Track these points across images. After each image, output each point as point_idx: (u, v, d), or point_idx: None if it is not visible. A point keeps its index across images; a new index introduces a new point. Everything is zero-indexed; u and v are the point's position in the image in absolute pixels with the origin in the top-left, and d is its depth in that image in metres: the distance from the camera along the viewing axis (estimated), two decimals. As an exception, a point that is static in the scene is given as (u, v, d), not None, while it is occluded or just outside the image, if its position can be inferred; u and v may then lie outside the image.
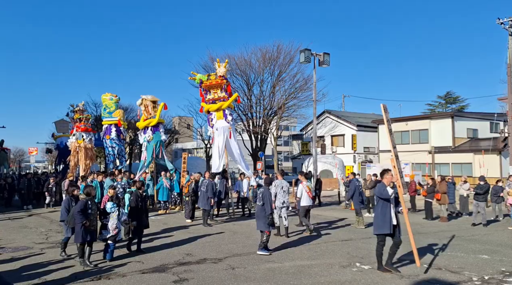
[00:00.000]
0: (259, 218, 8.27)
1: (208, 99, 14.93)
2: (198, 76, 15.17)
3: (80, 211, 7.07)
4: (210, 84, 14.78)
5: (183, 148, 53.84)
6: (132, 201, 8.37)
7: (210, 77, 14.87)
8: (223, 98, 14.71)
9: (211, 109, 14.75)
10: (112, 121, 19.68)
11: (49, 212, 15.79)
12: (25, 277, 6.61)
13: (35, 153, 51.97)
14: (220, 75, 14.73)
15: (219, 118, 14.64)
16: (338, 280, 6.45)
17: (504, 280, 6.46)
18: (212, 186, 12.39)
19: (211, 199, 12.19)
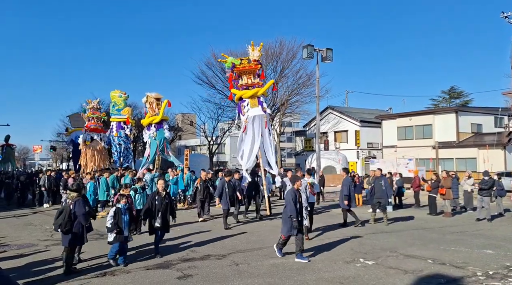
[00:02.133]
0: (283, 220, 7.55)
1: (240, 84, 13.64)
2: (229, 59, 13.89)
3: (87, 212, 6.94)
4: (243, 68, 13.50)
5: (186, 145, 53.93)
6: (148, 198, 7.98)
7: (242, 62, 13.66)
8: (257, 85, 13.50)
9: (245, 95, 13.43)
10: (120, 118, 19.73)
11: (53, 209, 15.86)
12: (30, 274, 6.66)
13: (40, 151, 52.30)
14: (254, 59, 13.57)
15: (254, 106, 13.29)
16: (342, 275, 6.45)
17: (509, 275, 6.44)
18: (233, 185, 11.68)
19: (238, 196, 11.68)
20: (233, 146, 48.61)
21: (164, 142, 17.14)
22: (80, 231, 6.77)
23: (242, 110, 13.64)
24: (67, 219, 6.63)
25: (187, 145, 53.89)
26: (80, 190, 7.12)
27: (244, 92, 13.49)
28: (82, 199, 7.06)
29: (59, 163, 65.26)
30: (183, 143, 53.44)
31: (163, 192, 7.91)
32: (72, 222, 6.66)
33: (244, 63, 13.55)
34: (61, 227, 6.64)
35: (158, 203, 7.73)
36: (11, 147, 30.96)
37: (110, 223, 7.12)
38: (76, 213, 6.70)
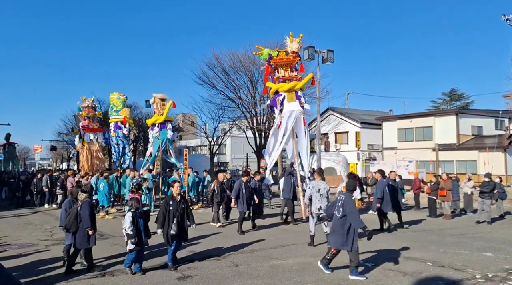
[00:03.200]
0: (337, 233, 6.47)
1: (276, 78, 12.79)
2: (265, 50, 12.91)
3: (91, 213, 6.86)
4: (281, 61, 12.62)
5: (186, 145, 53.97)
6: (163, 204, 7.14)
7: (279, 53, 12.75)
8: (295, 78, 12.62)
9: (282, 89, 12.47)
10: (118, 119, 19.86)
11: (53, 209, 15.89)
12: (30, 273, 6.67)
13: (40, 151, 52.31)
14: (293, 51, 12.68)
15: (291, 100, 12.39)
16: (341, 277, 6.46)
17: (508, 278, 6.44)
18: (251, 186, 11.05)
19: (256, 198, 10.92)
20: (234, 146, 48.69)
21: (167, 143, 17.19)
22: (86, 233, 6.71)
23: (277, 105, 12.73)
24: (73, 220, 6.70)
25: (188, 146, 53.93)
26: (91, 192, 7.09)
27: (280, 85, 12.53)
28: (90, 201, 6.99)
29: (59, 163, 65.33)
30: (184, 143, 53.49)
31: (178, 196, 7.15)
32: (78, 223, 6.68)
33: (281, 55, 12.61)
34: (67, 227, 6.77)
35: (173, 209, 6.96)
36: (13, 145, 30.02)
37: (130, 229, 6.53)
38: (81, 215, 6.71)
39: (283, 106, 12.34)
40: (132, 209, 6.79)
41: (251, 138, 32.46)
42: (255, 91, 30.92)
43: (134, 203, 6.90)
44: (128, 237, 6.53)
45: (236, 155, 48.82)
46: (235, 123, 34.74)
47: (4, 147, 29.76)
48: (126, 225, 6.56)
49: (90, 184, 7.80)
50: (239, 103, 31.51)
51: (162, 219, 6.92)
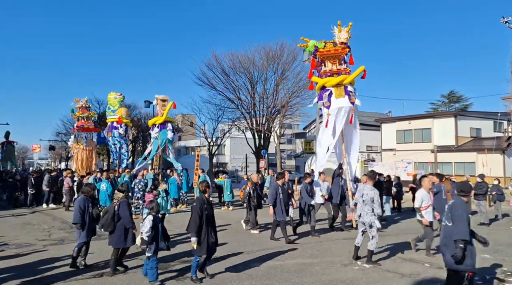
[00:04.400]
0: (449, 247, 5.10)
1: (323, 71, 11.69)
2: (311, 42, 11.82)
3: (131, 214, 6.77)
4: (328, 53, 11.56)
5: (186, 146, 53.95)
6: (195, 208, 6.16)
7: (326, 45, 11.66)
8: (344, 71, 11.53)
9: (329, 83, 11.36)
10: (114, 118, 19.93)
11: (51, 209, 15.87)
12: (28, 273, 6.66)
13: (38, 150, 52.18)
14: (341, 42, 11.58)
15: (339, 96, 11.25)
16: (339, 278, 6.46)
17: (506, 279, 6.46)
18: (306, 189, 10.12)
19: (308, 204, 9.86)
20: (233, 147, 48.69)
21: (166, 143, 17.28)
22: (124, 233, 6.66)
23: (324, 101, 11.63)
24: (110, 220, 6.66)
25: (187, 146, 53.91)
26: (127, 191, 7.03)
27: (327, 79, 11.42)
28: (127, 201, 6.89)
29: (58, 163, 65.24)
30: (183, 144, 53.47)
31: (211, 199, 6.45)
32: (115, 223, 6.64)
33: (328, 47, 11.49)
34: (104, 227, 6.72)
35: (208, 213, 6.22)
36: (12, 144, 29.18)
37: (147, 235, 6.06)
38: (120, 215, 6.66)
39: (330, 103, 11.26)
40: (153, 213, 6.29)
41: (250, 139, 32.49)
42: (254, 92, 30.97)
43: (155, 206, 6.46)
44: (143, 242, 6.09)
45: (235, 156, 48.83)
46: (235, 124, 34.77)
47: (3, 146, 29.15)
48: (145, 230, 6.08)
49: (126, 183, 7.72)
50: (238, 103, 31.56)
51: (198, 225, 6.02)
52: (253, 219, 10.77)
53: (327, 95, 11.41)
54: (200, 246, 6.03)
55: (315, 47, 11.58)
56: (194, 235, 5.99)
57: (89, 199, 7.14)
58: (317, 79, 11.79)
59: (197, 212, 6.06)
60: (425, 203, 7.92)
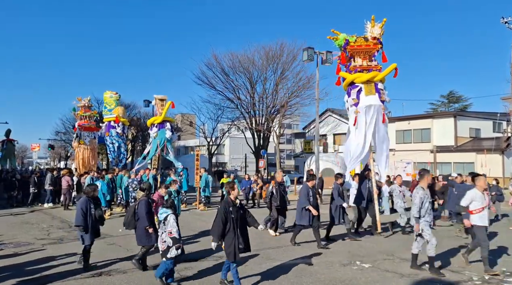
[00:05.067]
0: None
1: (353, 67, 11.04)
2: (341, 35, 11.13)
3: (149, 212, 6.73)
4: (359, 47, 10.98)
5: (185, 145, 53.93)
6: (220, 211, 5.76)
7: (357, 39, 11.05)
8: (375, 68, 10.95)
9: (359, 80, 10.73)
10: (111, 118, 19.94)
11: (50, 208, 15.84)
12: (26, 273, 6.64)
13: (38, 149, 52.20)
14: (374, 37, 11.00)
15: (369, 93, 10.68)
16: (339, 278, 6.46)
17: (504, 280, 6.46)
18: (337, 191, 9.67)
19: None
20: (233, 147, 48.67)
21: (165, 142, 17.28)
22: (146, 231, 6.65)
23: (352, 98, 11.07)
24: (131, 218, 6.74)
25: (186, 146, 53.90)
26: (149, 190, 7.03)
27: (357, 75, 10.81)
28: (147, 200, 6.86)
29: (57, 162, 65.19)
30: (182, 143, 53.46)
31: (237, 201, 5.96)
32: (135, 221, 6.69)
33: (360, 41, 10.94)
34: (125, 225, 6.82)
35: (234, 216, 5.73)
36: (12, 142, 28.35)
37: (177, 232, 5.86)
38: (138, 214, 6.68)
39: (359, 100, 10.69)
40: (173, 211, 6.08)
41: (249, 139, 32.48)
42: (254, 92, 30.96)
43: (172, 204, 6.23)
44: (175, 241, 5.83)
45: (234, 156, 48.81)
46: (234, 124, 34.76)
47: (3, 144, 28.42)
48: (173, 229, 5.82)
49: (149, 182, 7.69)
50: (238, 103, 31.55)
51: (222, 229, 5.64)
52: (274, 218, 10.31)
53: (356, 92, 10.79)
54: (228, 251, 5.69)
55: (346, 40, 10.91)
56: (216, 239, 5.70)
57: (91, 200, 6.96)
58: (345, 75, 11.10)
59: (221, 215, 5.66)
60: (478, 205, 7.05)
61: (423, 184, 6.91)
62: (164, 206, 6.04)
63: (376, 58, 11.13)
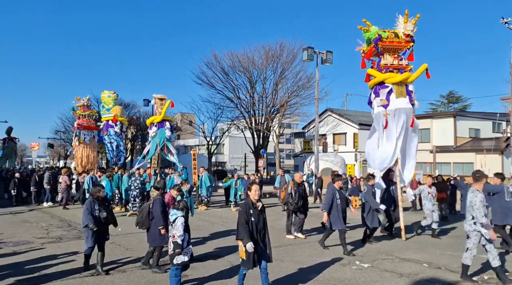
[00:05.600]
0: None
1: (384, 65, 10.27)
2: (374, 28, 10.20)
3: (164, 212, 6.57)
4: (390, 44, 10.18)
5: (185, 145, 53.92)
6: (241, 213, 5.29)
7: (389, 35, 10.28)
8: (406, 68, 10.26)
9: (391, 80, 10.04)
10: (109, 117, 19.97)
11: (49, 207, 15.83)
12: (25, 271, 6.64)
13: (37, 148, 52.12)
14: (406, 34, 10.24)
15: (400, 96, 9.99)
16: (338, 277, 6.46)
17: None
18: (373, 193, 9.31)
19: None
20: (232, 146, 48.68)
21: (165, 142, 17.29)
22: (159, 232, 6.53)
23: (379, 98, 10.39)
24: (145, 217, 6.61)
25: (186, 145, 53.88)
26: (163, 189, 6.84)
27: (390, 75, 10.07)
28: (161, 199, 6.73)
29: (56, 161, 65.14)
30: (182, 143, 53.44)
31: (259, 204, 5.42)
32: (150, 221, 6.58)
33: (390, 37, 10.12)
34: (139, 225, 6.66)
35: (255, 220, 5.24)
36: (13, 140, 27.71)
37: (181, 237, 5.40)
38: (153, 213, 6.56)
39: (388, 102, 9.98)
40: (183, 214, 5.64)
41: (249, 138, 32.46)
42: (253, 91, 30.94)
43: (184, 205, 5.77)
44: (176, 246, 5.38)
45: (234, 155, 48.82)
46: (234, 123, 34.74)
47: (4, 142, 27.95)
48: (177, 233, 5.39)
49: (164, 181, 7.55)
50: (237, 103, 31.53)
51: (248, 228, 5.19)
52: (290, 222, 9.86)
53: (385, 92, 10.07)
54: (245, 258, 5.16)
55: (379, 35, 10.02)
56: (247, 240, 5.05)
57: (96, 201, 6.63)
58: (375, 73, 10.27)
59: (243, 217, 5.21)
60: None
61: (479, 187, 6.38)
62: (175, 208, 5.68)
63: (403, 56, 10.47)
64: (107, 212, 6.66)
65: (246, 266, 5.29)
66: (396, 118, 9.95)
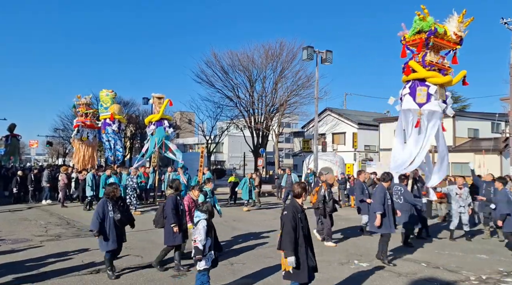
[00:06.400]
0: None
1: (429, 61, 9.59)
2: (430, 18, 9.42)
3: (174, 209, 6.46)
4: (441, 41, 9.61)
5: (184, 143, 53.90)
6: (287, 217, 4.60)
7: (446, 32, 9.66)
8: (448, 71, 9.80)
9: (433, 80, 9.44)
10: (107, 115, 20.01)
11: (48, 205, 15.81)
12: (24, 269, 6.63)
13: (36, 146, 51.96)
14: (457, 35, 9.69)
15: (440, 98, 9.52)
16: (336, 277, 6.47)
17: (501, 280, 6.48)
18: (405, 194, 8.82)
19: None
20: (231, 145, 48.65)
21: (163, 140, 17.33)
22: (171, 230, 6.42)
23: (415, 96, 9.61)
24: (159, 215, 6.55)
25: (185, 144, 53.85)
26: (178, 188, 6.76)
27: (433, 74, 9.45)
28: (174, 197, 6.59)
29: (55, 159, 65.05)
30: (181, 141, 53.42)
31: (305, 207, 4.92)
32: (163, 219, 6.51)
33: (443, 35, 9.52)
34: (155, 223, 6.63)
35: (303, 225, 4.66)
36: (16, 138, 27.03)
37: (202, 242, 4.96)
38: (165, 211, 6.48)
39: (427, 101, 9.41)
40: (206, 217, 5.14)
41: (248, 137, 32.48)
42: (253, 90, 30.95)
43: (210, 208, 5.28)
44: (197, 252, 4.93)
45: (233, 154, 48.80)
46: (233, 122, 34.76)
47: (7, 139, 27.12)
48: (198, 237, 4.96)
49: (178, 180, 7.41)
50: (237, 102, 31.55)
51: (295, 238, 4.51)
52: (328, 228, 8.99)
53: (425, 92, 9.43)
54: (298, 270, 4.49)
55: (435, 29, 9.33)
56: (291, 253, 4.43)
57: (110, 202, 6.14)
58: (419, 68, 9.55)
59: (290, 222, 4.52)
60: None
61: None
62: (198, 209, 5.22)
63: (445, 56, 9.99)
64: (121, 213, 6.21)
65: (298, 281, 4.59)
66: (428, 119, 9.55)
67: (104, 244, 6.08)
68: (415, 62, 9.75)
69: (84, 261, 7.19)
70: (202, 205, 5.31)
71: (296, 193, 4.82)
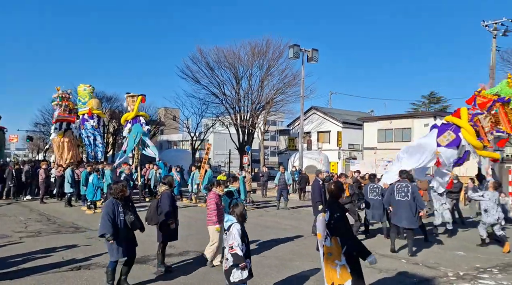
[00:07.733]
0: None
1: (477, 119, 9.58)
2: None
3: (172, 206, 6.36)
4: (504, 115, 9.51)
5: (168, 140, 53.39)
6: (343, 220, 4.39)
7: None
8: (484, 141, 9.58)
9: (467, 137, 9.46)
10: (85, 111, 19.65)
11: (27, 201, 15.46)
12: (3, 265, 6.49)
13: (16, 141, 50.57)
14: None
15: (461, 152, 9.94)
16: (320, 273, 6.54)
17: (478, 276, 6.68)
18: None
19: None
20: (217, 142, 48.44)
21: (141, 137, 17.32)
22: (169, 227, 6.31)
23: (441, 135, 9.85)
24: (153, 213, 6.34)
25: (169, 140, 53.35)
26: (171, 184, 6.60)
27: (471, 133, 9.47)
28: (169, 194, 6.48)
29: (36, 154, 63.54)
30: (165, 138, 52.89)
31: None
32: (158, 216, 6.33)
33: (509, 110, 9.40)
34: (148, 220, 6.35)
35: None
36: (2, 130, 25.33)
37: (240, 246, 4.41)
38: (161, 208, 6.31)
39: (456, 144, 9.45)
40: (240, 220, 4.64)
41: (234, 135, 32.43)
42: (239, 88, 30.90)
43: (243, 211, 4.73)
44: (236, 258, 4.35)
45: (218, 151, 48.62)
46: (219, 119, 34.62)
47: None
48: (235, 242, 4.40)
49: (171, 176, 7.23)
50: (223, 99, 31.44)
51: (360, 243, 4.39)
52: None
53: (452, 139, 9.52)
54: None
55: (509, 99, 9.34)
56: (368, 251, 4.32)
57: (120, 202, 5.48)
58: (464, 116, 9.55)
59: (347, 223, 4.32)
60: None
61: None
62: (229, 213, 4.76)
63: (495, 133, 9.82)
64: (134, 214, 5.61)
65: None
66: (444, 155, 9.63)
67: (116, 251, 5.32)
68: (466, 110, 9.71)
69: (65, 257, 7.09)
70: (234, 208, 4.75)
71: (333, 192, 4.56)
